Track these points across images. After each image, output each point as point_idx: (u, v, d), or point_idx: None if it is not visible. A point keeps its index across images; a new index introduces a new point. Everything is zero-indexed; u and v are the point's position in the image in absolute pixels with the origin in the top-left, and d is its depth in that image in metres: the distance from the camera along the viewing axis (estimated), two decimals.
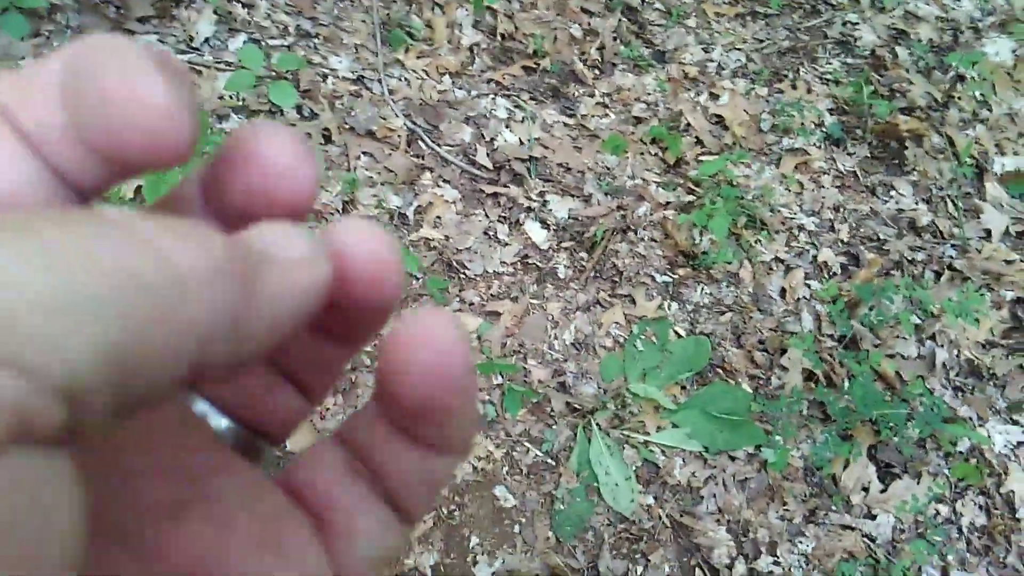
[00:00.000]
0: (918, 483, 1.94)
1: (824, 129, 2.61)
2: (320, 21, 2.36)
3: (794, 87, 2.71)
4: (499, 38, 2.61)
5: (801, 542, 1.86)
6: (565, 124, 2.51)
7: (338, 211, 2.05)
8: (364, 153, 2.19)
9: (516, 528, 1.81)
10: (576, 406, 1.97)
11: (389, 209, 2.11)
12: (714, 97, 2.66)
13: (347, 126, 2.20)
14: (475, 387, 0.21)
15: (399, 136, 2.25)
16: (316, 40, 2.33)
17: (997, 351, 2.20)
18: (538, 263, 2.17)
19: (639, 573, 1.81)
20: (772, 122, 2.61)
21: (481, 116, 2.42)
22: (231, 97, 2.10)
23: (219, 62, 2.17)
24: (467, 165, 2.28)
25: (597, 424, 1.95)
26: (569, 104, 2.57)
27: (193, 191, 0.20)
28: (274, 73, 2.07)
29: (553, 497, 1.85)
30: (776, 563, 1.81)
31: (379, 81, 2.35)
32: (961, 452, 2.02)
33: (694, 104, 2.63)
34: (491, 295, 2.08)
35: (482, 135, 2.38)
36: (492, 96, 2.48)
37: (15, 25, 1.83)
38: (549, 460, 1.90)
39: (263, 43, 2.22)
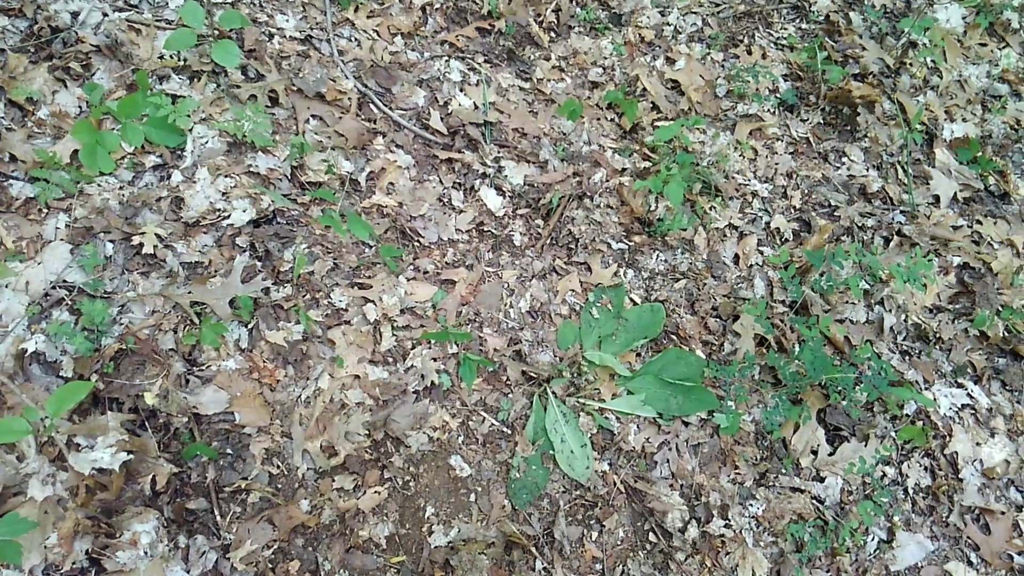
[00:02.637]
0: (865, 446, 1.99)
1: (778, 95, 2.61)
2: None
3: (749, 52, 2.69)
4: None
5: (752, 505, 1.89)
6: (520, 88, 2.47)
7: (286, 176, 1.99)
8: (313, 116, 2.12)
9: (472, 497, 1.80)
10: (532, 374, 1.96)
11: (340, 175, 2.05)
12: (670, 62, 2.64)
13: (295, 88, 2.13)
14: None
15: (350, 99, 2.19)
16: None
17: (943, 316, 2.24)
18: (493, 230, 2.14)
19: (594, 538, 1.82)
20: (727, 87, 2.60)
21: (434, 79, 2.36)
22: (171, 57, 2.01)
23: (159, 20, 2.07)
24: (420, 130, 2.23)
25: (553, 392, 1.95)
26: (524, 67, 2.53)
27: None
28: (217, 31, 1.99)
29: (509, 465, 1.85)
30: (728, 526, 1.84)
31: (328, 41, 2.28)
32: (907, 415, 2.06)
33: (650, 69, 2.60)
34: (446, 263, 2.05)
35: (436, 99, 2.33)
36: (446, 58, 2.42)
37: None
38: (505, 429, 1.89)
39: (205, 0, 2.13)
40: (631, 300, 2.13)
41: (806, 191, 2.46)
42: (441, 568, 1.71)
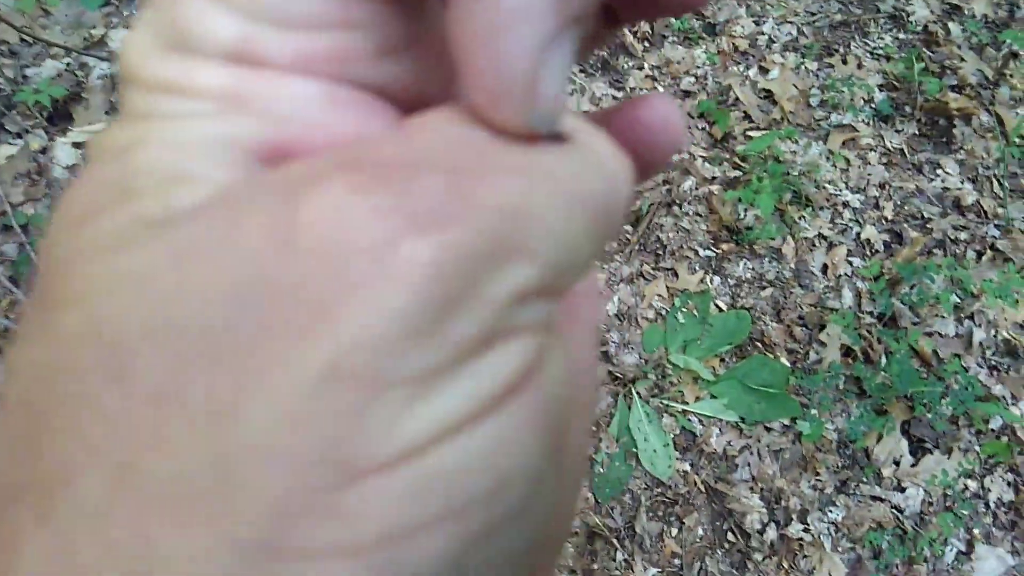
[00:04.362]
0: (949, 458, 2.00)
1: (873, 105, 2.62)
2: None
3: (844, 62, 2.70)
4: None
5: (831, 511, 1.93)
6: (614, 97, 2.55)
7: None
8: None
9: None
10: (618, 375, 2.06)
11: None
12: (764, 71, 2.68)
13: None
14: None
15: None
16: None
17: None
18: None
19: (674, 534, 1.90)
20: (821, 97, 2.62)
21: None
22: None
23: None
24: None
25: (637, 392, 2.03)
26: (618, 77, 2.61)
27: None
28: None
29: (593, 460, 1.94)
30: (806, 530, 1.89)
31: None
32: (993, 430, 2.07)
33: (743, 78, 2.65)
34: None
35: None
36: None
37: None
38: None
39: None
40: (717, 307, 2.19)
41: (899, 202, 2.46)
42: None
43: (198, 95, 0.16)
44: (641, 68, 2.64)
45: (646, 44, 2.71)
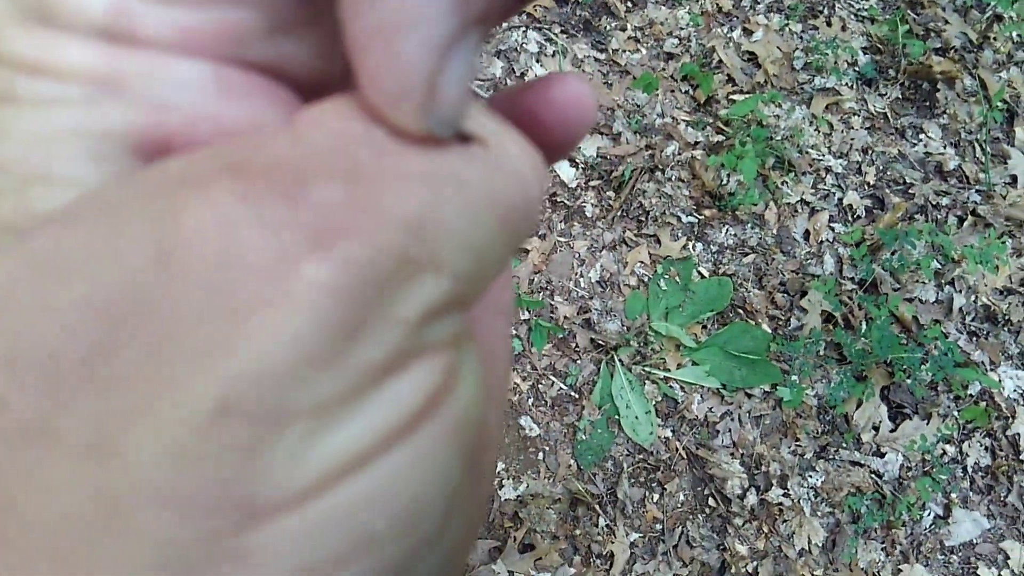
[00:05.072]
0: (927, 424, 2.02)
1: (857, 68, 2.59)
2: None
3: (829, 24, 2.67)
4: None
5: (811, 476, 1.95)
6: (596, 59, 2.50)
7: None
8: None
9: (540, 455, 1.91)
10: (600, 342, 2.05)
11: None
12: (747, 33, 2.64)
13: None
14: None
15: None
16: None
17: (1014, 298, 2.24)
18: (566, 201, 2.21)
19: (655, 500, 1.91)
20: (805, 60, 2.59)
21: (512, 50, 2.42)
22: None
23: None
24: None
25: (620, 360, 2.03)
26: (600, 38, 2.56)
27: None
28: None
29: (575, 428, 1.94)
30: (786, 495, 1.91)
31: None
32: (971, 395, 2.09)
33: (727, 40, 2.61)
34: None
35: (513, 69, 2.39)
36: (523, 29, 2.47)
37: None
38: (573, 393, 1.98)
39: None
40: (699, 273, 2.18)
41: (881, 167, 2.45)
42: (511, 520, 1.83)
43: (66, 76, 0.14)
44: (624, 29, 2.59)
45: (629, 4, 2.66)
